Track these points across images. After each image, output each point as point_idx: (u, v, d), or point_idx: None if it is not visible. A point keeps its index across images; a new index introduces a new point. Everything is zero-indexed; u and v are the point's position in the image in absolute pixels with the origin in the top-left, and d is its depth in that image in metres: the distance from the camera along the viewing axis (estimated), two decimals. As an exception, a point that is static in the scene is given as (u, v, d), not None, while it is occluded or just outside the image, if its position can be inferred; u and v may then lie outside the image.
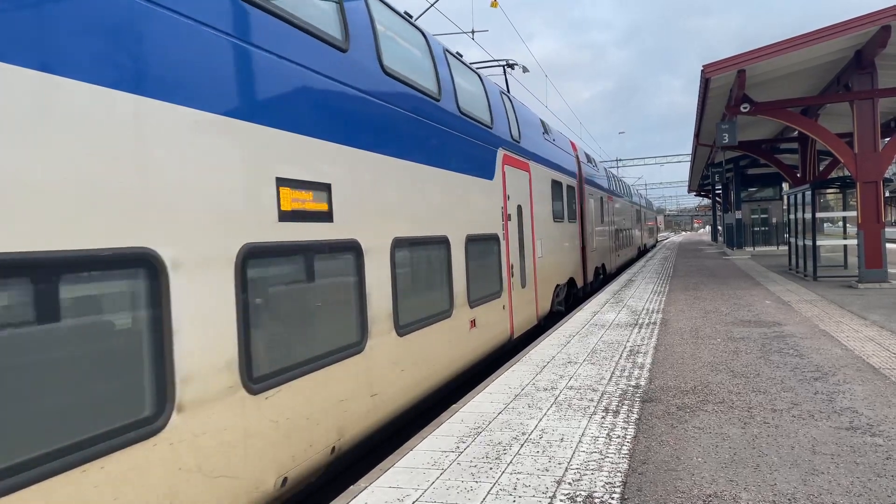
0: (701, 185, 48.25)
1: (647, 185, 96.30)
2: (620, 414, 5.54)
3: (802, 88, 17.58)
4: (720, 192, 42.89)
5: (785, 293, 13.65)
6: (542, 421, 5.43)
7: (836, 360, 7.21)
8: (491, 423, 5.46)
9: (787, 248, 21.29)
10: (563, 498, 3.86)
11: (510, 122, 10.69)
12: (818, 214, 16.35)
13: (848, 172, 14.79)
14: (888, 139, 15.42)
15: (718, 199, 46.73)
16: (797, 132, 20.50)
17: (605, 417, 5.45)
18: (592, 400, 6.01)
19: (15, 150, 2.64)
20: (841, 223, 18.41)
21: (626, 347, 8.47)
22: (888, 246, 15.14)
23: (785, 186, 33.16)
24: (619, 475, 4.18)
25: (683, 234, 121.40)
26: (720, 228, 45.97)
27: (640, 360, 7.69)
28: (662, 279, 18.62)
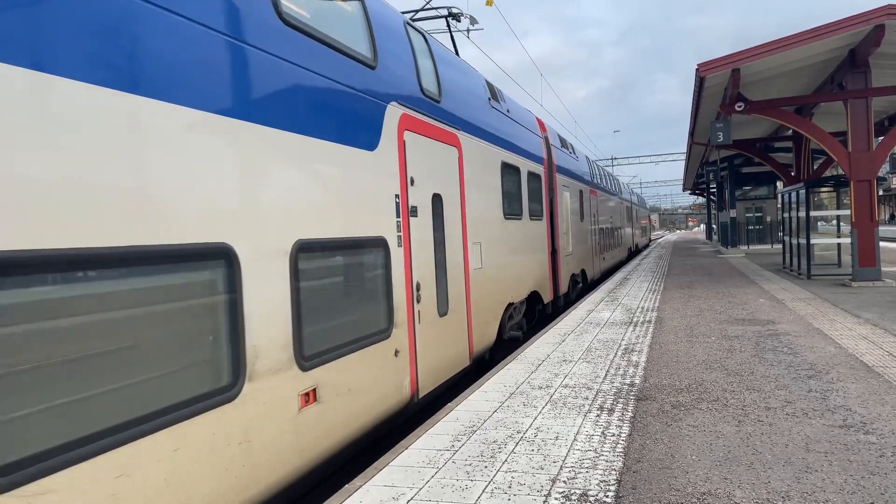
0: (696, 183, 48.29)
1: (641, 183, 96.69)
2: (615, 412, 5.55)
3: (797, 87, 17.63)
4: (715, 190, 43.00)
5: (779, 291, 13.70)
6: (537, 419, 5.43)
7: (829, 358, 7.24)
8: (486, 421, 5.46)
9: (781, 246, 21.37)
10: (558, 496, 3.86)
11: (419, 69, 7.26)
12: (812, 213, 16.42)
13: (842, 171, 14.84)
14: (882, 138, 15.50)
15: (713, 197, 46.87)
16: (791, 131, 20.57)
17: (599, 416, 5.46)
18: (587, 398, 6.02)
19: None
20: (835, 222, 18.49)
21: (620, 346, 8.49)
22: (881, 244, 15.21)
23: (779, 185, 33.27)
24: (613, 473, 4.19)
25: (678, 232, 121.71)
26: (715, 227, 46.11)
27: (634, 358, 7.70)
28: (657, 277, 18.66)
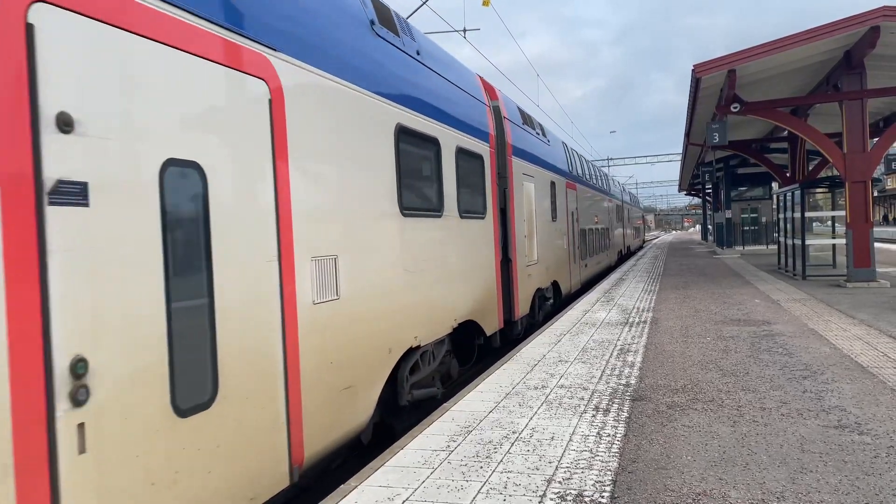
0: (691, 184, 48.46)
1: (638, 183, 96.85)
2: (611, 413, 5.55)
3: (792, 88, 17.68)
4: (710, 191, 43.09)
5: (774, 292, 13.73)
6: (532, 420, 5.43)
7: (824, 358, 7.25)
8: (482, 421, 5.46)
9: (776, 247, 21.42)
10: (553, 496, 3.86)
11: None
12: (807, 214, 16.46)
13: (837, 172, 14.89)
14: (877, 139, 15.55)
15: (709, 198, 46.96)
16: (787, 132, 20.64)
17: (595, 416, 5.46)
18: (583, 399, 6.02)
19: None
20: (830, 222, 18.55)
21: (616, 346, 8.49)
22: (876, 245, 15.26)
23: (774, 186, 33.41)
24: (609, 474, 4.18)
25: (674, 232, 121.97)
26: (710, 227, 46.20)
27: (630, 358, 7.70)
28: (653, 278, 18.68)
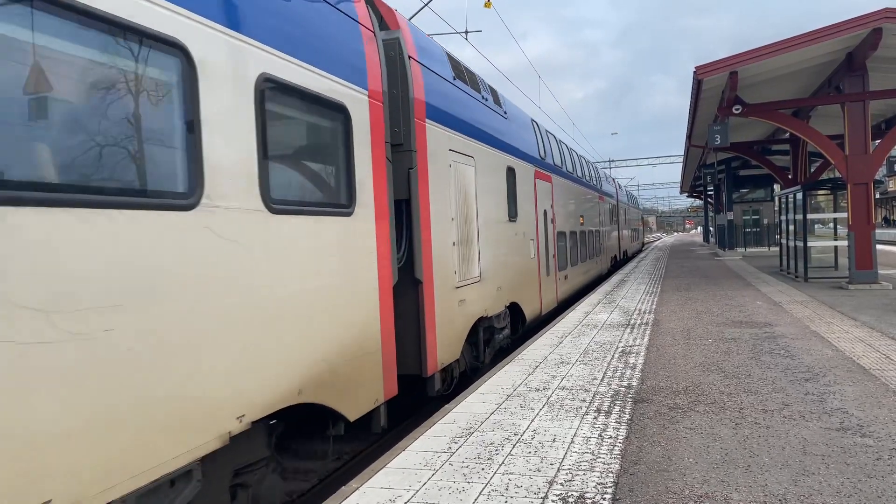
0: (693, 186, 48.42)
1: (639, 185, 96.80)
2: (612, 414, 5.54)
3: (794, 90, 17.66)
4: (712, 193, 43.08)
5: (776, 294, 13.71)
6: (534, 421, 5.43)
7: (826, 360, 7.24)
8: (483, 423, 5.45)
9: (778, 249, 21.40)
10: (554, 498, 3.85)
11: None
12: (809, 216, 16.44)
13: (839, 174, 14.87)
14: (879, 141, 15.54)
15: (710, 200, 46.96)
16: (789, 134, 20.63)
17: (597, 418, 5.45)
18: (584, 400, 6.01)
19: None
20: (832, 224, 18.53)
21: (618, 348, 8.48)
22: (878, 247, 15.24)
23: (776, 188, 33.36)
24: (610, 476, 4.18)
25: (676, 234, 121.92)
26: (712, 229, 46.18)
27: (632, 360, 7.70)
28: (654, 280, 18.67)
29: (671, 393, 6.19)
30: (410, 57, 6.96)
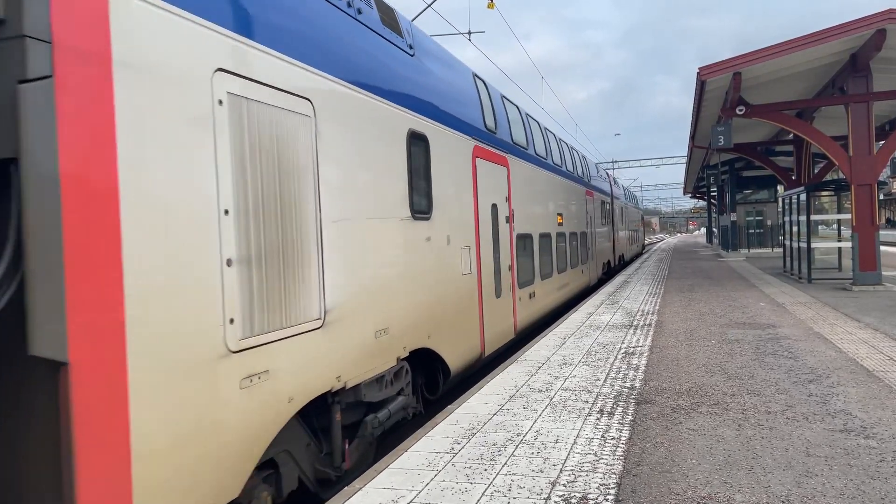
0: (696, 186, 48.37)
1: (643, 186, 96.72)
2: (615, 415, 5.54)
3: (798, 91, 17.64)
4: (715, 193, 43.01)
5: (779, 295, 13.69)
6: (536, 422, 5.43)
7: (830, 362, 7.23)
8: (486, 424, 5.46)
9: (781, 250, 21.37)
10: (557, 499, 3.85)
11: None
12: (813, 217, 16.42)
13: (842, 175, 14.85)
14: (882, 142, 15.50)
15: (713, 201, 46.87)
16: (792, 135, 20.59)
17: (599, 419, 5.46)
18: (587, 401, 6.01)
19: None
20: (835, 225, 18.49)
21: (621, 349, 8.48)
22: (882, 249, 15.21)
23: (780, 189, 33.29)
24: (613, 477, 4.18)
25: (679, 235, 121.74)
26: (715, 230, 46.13)
27: (634, 361, 7.69)
28: (658, 281, 18.65)
29: (674, 394, 6.19)
30: None
